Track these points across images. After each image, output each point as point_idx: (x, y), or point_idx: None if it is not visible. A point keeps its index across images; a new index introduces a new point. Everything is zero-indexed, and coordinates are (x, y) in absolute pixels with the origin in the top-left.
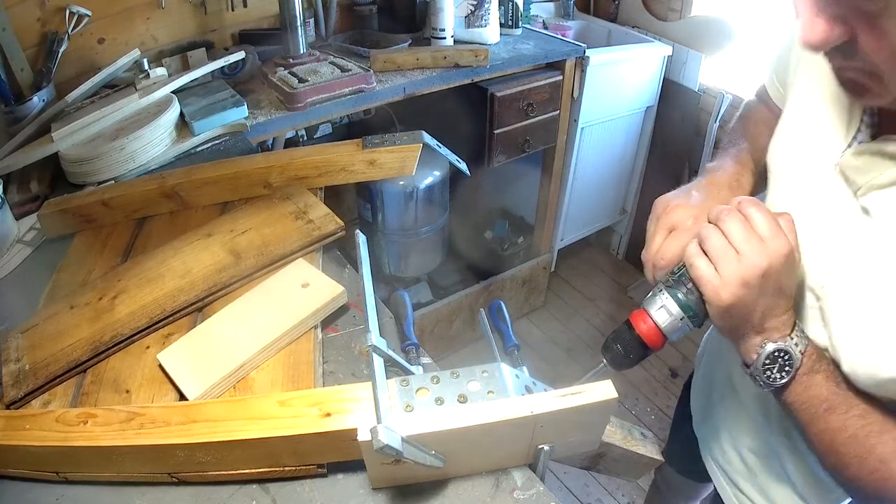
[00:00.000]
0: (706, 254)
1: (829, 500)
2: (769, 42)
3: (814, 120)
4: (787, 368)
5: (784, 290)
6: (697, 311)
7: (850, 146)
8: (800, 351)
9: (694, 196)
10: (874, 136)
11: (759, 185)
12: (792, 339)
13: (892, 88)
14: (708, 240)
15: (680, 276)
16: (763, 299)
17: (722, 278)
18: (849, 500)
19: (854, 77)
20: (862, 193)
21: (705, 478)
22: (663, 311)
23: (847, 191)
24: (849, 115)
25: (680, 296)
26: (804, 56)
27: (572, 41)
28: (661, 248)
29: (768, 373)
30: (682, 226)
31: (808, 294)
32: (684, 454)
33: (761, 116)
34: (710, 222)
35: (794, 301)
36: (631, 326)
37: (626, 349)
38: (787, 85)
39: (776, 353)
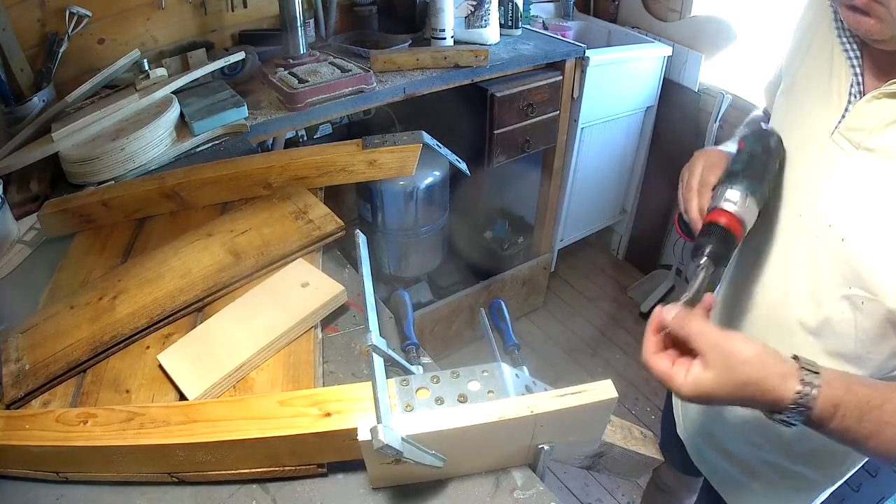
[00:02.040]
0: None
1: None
2: (767, 53)
3: (805, 102)
4: (803, 409)
5: (758, 395)
6: (755, 187)
7: (847, 111)
8: (813, 393)
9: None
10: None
11: None
12: (799, 393)
13: (893, 8)
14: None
15: (727, 176)
16: (748, 391)
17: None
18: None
19: (859, 4)
20: (873, 135)
21: (698, 471)
22: (733, 201)
23: (848, 148)
24: (838, 91)
25: (736, 184)
26: (793, 62)
27: (572, 41)
28: (701, 178)
29: (780, 422)
30: (712, 159)
31: (823, 263)
32: (678, 450)
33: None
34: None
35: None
36: (711, 225)
37: (720, 242)
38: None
39: (783, 420)
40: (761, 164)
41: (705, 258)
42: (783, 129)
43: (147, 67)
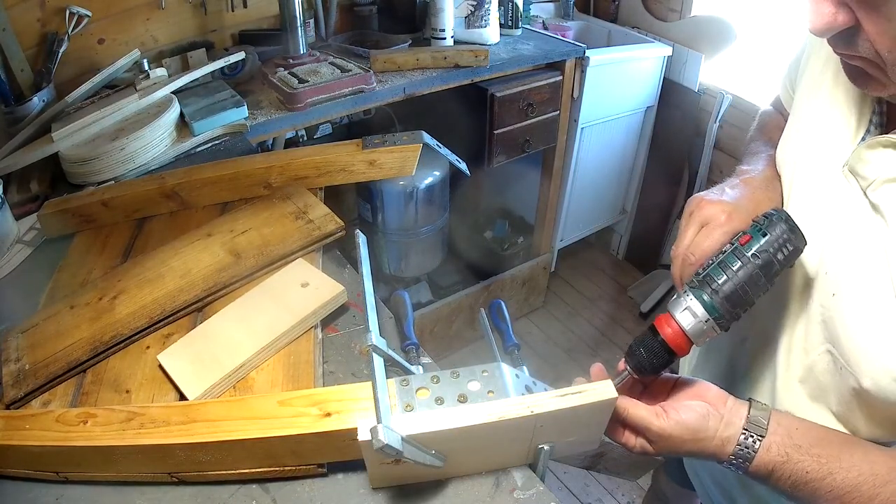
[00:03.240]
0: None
1: None
2: (779, 49)
3: (821, 122)
4: (743, 461)
5: (697, 448)
6: (723, 312)
7: (861, 140)
8: (749, 453)
9: (728, 193)
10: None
11: None
12: (736, 449)
13: (894, 77)
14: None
15: (705, 277)
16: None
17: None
18: None
19: (859, 65)
20: (873, 188)
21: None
22: (688, 312)
23: (857, 189)
24: (857, 115)
25: (705, 297)
26: (812, 60)
27: (572, 41)
28: (692, 244)
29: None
30: (714, 220)
31: (814, 311)
32: (676, 461)
33: (778, 123)
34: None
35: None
36: (655, 331)
37: (651, 355)
38: (797, 90)
39: (728, 467)
40: (752, 286)
41: (627, 370)
42: (800, 141)
43: (147, 67)
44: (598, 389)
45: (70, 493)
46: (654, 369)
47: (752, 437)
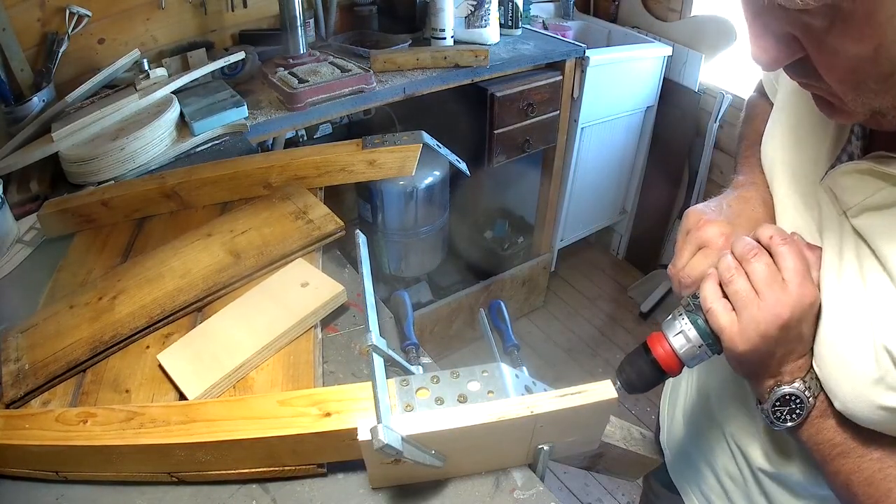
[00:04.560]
0: (727, 296)
1: None
2: None
3: (800, 128)
4: (797, 411)
5: (804, 337)
6: (717, 339)
7: (839, 159)
8: (812, 396)
9: (725, 211)
10: (866, 149)
11: None
12: (805, 382)
13: (854, 107)
14: (730, 284)
15: (701, 301)
16: (781, 348)
17: (740, 327)
18: None
19: (821, 94)
20: (853, 214)
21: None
22: (681, 336)
23: (833, 205)
24: (836, 127)
25: (700, 322)
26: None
27: (572, 41)
28: (688, 266)
29: (778, 414)
30: (712, 244)
31: None
32: (664, 467)
33: (764, 112)
34: (735, 257)
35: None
36: (647, 350)
37: (641, 373)
38: (778, 82)
39: (787, 397)
40: None
41: (618, 385)
42: (776, 140)
43: (147, 67)
44: (598, 389)
45: (70, 493)
46: (644, 387)
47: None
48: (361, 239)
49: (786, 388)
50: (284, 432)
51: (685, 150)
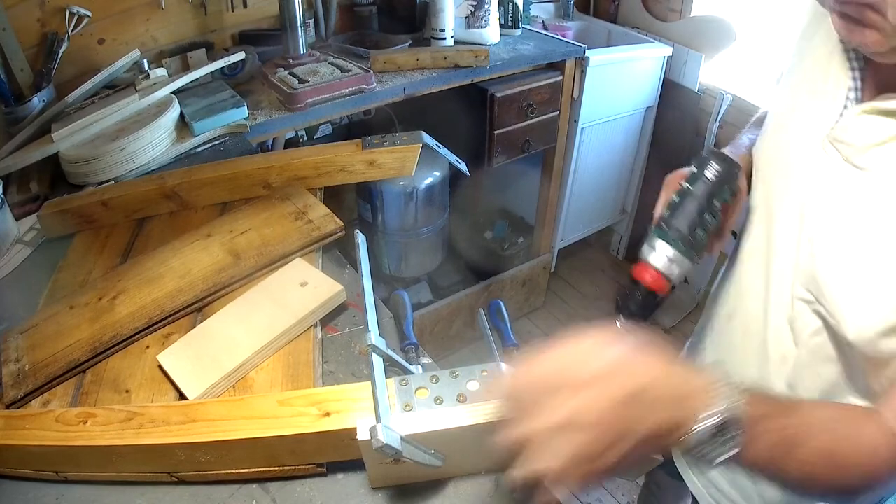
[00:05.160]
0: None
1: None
2: (779, 49)
3: (799, 105)
4: (733, 436)
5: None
6: (682, 241)
7: (842, 115)
8: (738, 413)
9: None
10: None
11: None
12: (718, 412)
13: (890, 16)
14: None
15: (661, 220)
16: (621, 446)
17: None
18: None
19: (852, 12)
20: (859, 153)
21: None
22: (654, 253)
23: (837, 159)
24: (833, 94)
25: (663, 233)
26: (795, 63)
27: (572, 42)
28: (661, 201)
29: (714, 454)
30: (676, 177)
31: (799, 275)
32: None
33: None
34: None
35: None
36: (635, 281)
37: (639, 303)
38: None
39: (713, 436)
40: (697, 206)
41: (620, 320)
42: (777, 130)
43: (147, 67)
44: None
45: (70, 493)
46: (645, 315)
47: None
48: (361, 239)
49: (699, 432)
50: (284, 432)
51: (685, 151)
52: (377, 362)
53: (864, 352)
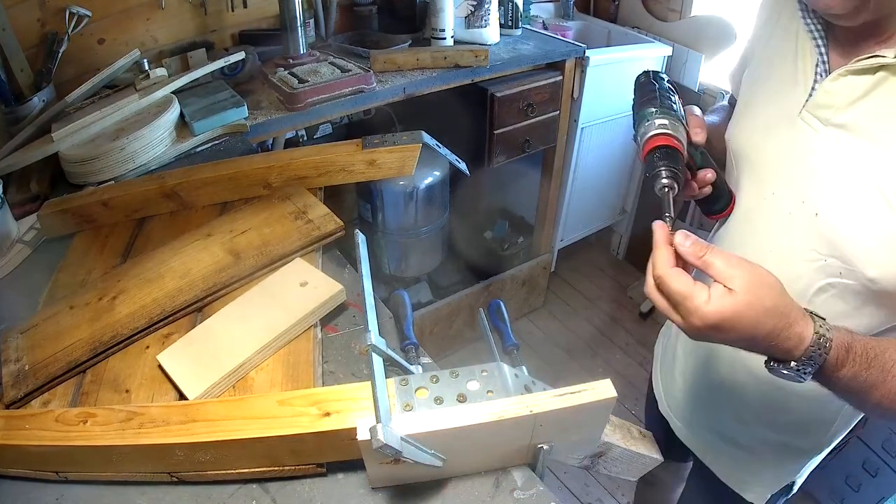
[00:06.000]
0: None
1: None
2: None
3: (769, 89)
4: (817, 361)
5: (761, 326)
6: (670, 111)
7: (813, 90)
8: (823, 353)
9: None
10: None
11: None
12: (813, 348)
13: None
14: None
15: (639, 113)
16: (746, 332)
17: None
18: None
19: None
20: (837, 112)
21: (683, 456)
22: (655, 124)
23: (816, 125)
24: (803, 70)
25: (655, 112)
26: (756, 51)
27: (572, 41)
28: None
29: (793, 373)
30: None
31: (805, 234)
32: (662, 434)
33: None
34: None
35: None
36: (651, 151)
37: (665, 161)
38: (743, 82)
39: (798, 367)
40: (657, 91)
41: (665, 179)
42: (750, 111)
43: (147, 67)
44: (597, 389)
45: (70, 493)
46: (680, 170)
47: (818, 317)
48: (361, 239)
49: (793, 363)
50: (284, 432)
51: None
52: (377, 362)
53: (886, 288)
